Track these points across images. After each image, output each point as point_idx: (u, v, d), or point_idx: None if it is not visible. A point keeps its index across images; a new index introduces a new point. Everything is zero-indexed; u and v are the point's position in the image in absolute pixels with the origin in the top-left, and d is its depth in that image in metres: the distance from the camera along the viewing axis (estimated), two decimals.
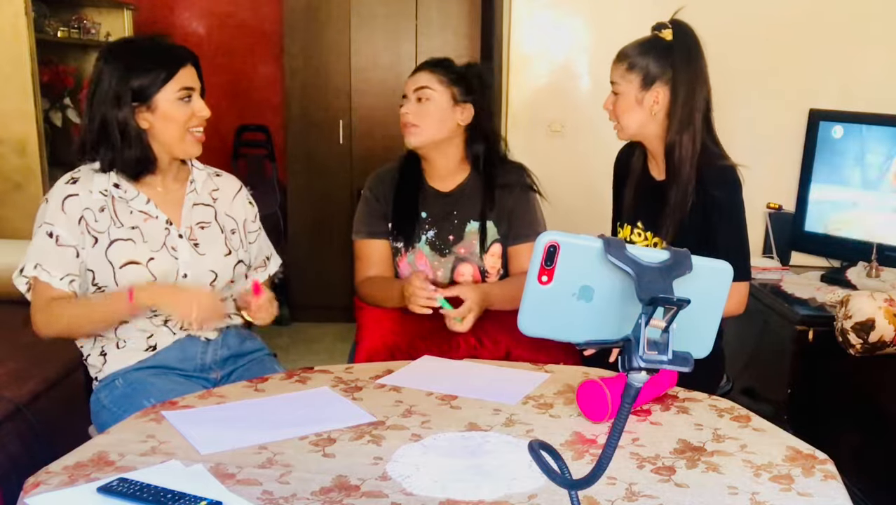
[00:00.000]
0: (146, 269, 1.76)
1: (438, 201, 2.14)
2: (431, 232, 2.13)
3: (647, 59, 1.97)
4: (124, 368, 1.81)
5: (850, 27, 3.06)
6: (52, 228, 1.74)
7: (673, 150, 1.98)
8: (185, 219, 1.85)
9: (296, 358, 3.94)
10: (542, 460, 0.90)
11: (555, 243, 0.85)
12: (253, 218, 1.99)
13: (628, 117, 2.00)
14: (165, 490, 1.15)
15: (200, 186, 1.90)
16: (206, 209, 1.90)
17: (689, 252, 0.88)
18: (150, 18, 4.58)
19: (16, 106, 3.21)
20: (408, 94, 2.09)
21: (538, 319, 0.88)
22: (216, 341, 1.89)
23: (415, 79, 2.09)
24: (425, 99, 2.06)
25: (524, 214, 2.11)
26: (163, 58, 1.77)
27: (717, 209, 1.95)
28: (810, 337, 2.49)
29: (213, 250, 1.86)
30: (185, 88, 1.77)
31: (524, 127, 3.22)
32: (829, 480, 1.25)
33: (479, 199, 2.12)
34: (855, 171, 2.85)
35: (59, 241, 1.74)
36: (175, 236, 1.82)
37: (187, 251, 1.82)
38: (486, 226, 2.11)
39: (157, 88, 1.74)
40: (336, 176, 4.43)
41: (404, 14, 4.30)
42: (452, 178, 2.15)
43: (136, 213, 1.80)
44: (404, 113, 2.07)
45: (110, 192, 1.78)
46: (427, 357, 1.81)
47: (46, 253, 1.74)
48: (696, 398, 1.58)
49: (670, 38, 1.97)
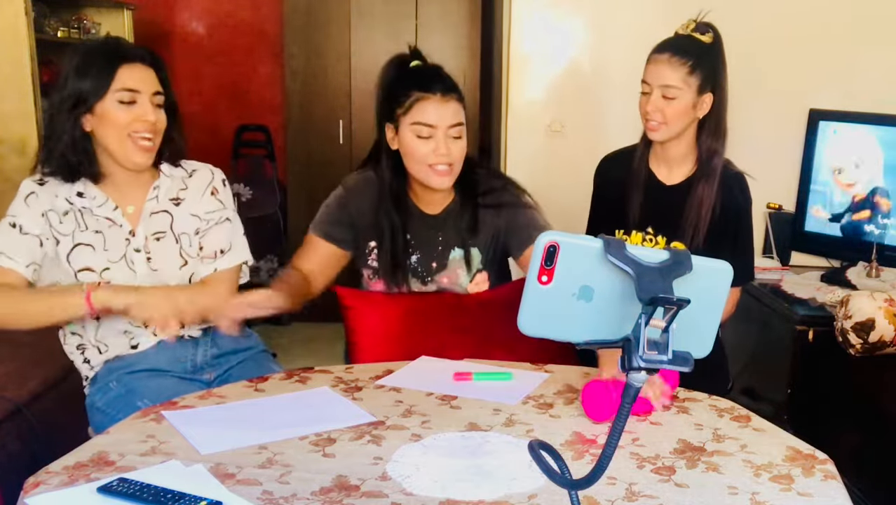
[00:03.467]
0: (99, 277, 1.73)
1: (423, 224, 1.98)
2: (414, 257, 1.98)
3: (702, 61, 1.94)
4: (115, 365, 1.79)
5: (850, 27, 3.06)
6: (14, 220, 1.72)
7: (711, 158, 2.00)
8: (142, 230, 1.79)
9: (295, 358, 3.94)
10: (542, 460, 0.90)
11: (554, 243, 0.85)
12: (212, 209, 1.87)
13: (680, 123, 1.96)
14: (165, 490, 1.15)
15: (163, 193, 1.82)
16: (163, 217, 1.82)
17: (690, 252, 0.88)
18: (149, 18, 4.58)
19: (16, 106, 3.22)
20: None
21: (538, 319, 0.88)
22: (205, 341, 1.87)
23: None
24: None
25: (523, 222, 1.96)
26: (105, 58, 1.70)
27: (738, 213, 2.02)
28: (810, 337, 2.49)
29: (167, 265, 1.80)
30: (126, 90, 1.68)
31: (524, 127, 3.22)
32: (829, 480, 1.25)
33: (463, 224, 1.96)
34: (855, 171, 2.85)
35: (23, 230, 1.71)
36: (132, 249, 1.77)
37: (143, 265, 1.78)
38: (470, 254, 1.97)
39: (98, 90, 1.67)
40: (336, 176, 4.34)
41: (404, 14, 4.30)
42: (441, 200, 1.98)
43: (101, 219, 1.76)
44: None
45: (74, 201, 1.74)
46: (425, 357, 1.80)
47: (9, 241, 1.71)
48: (696, 398, 1.58)
49: (710, 41, 1.96)
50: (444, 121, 1.84)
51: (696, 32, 1.96)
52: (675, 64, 1.93)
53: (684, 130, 2.00)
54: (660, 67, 1.95)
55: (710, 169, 2.01)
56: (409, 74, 1.91)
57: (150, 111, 1.71)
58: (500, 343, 1.87)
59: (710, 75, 1.96)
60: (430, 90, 1.84)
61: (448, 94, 1.85)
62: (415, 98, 1.85)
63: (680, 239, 2.02)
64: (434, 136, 1.84)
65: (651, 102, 1.97)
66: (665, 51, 1.96)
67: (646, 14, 2.07)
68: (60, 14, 3.83)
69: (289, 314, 4.52)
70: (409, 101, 1.85)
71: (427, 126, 1.84)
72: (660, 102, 1.95)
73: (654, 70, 1.97)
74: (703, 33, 1.96)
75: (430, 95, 1.84)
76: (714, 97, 1.97)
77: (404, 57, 1.96)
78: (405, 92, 1.86)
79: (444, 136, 1.84)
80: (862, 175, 2.83)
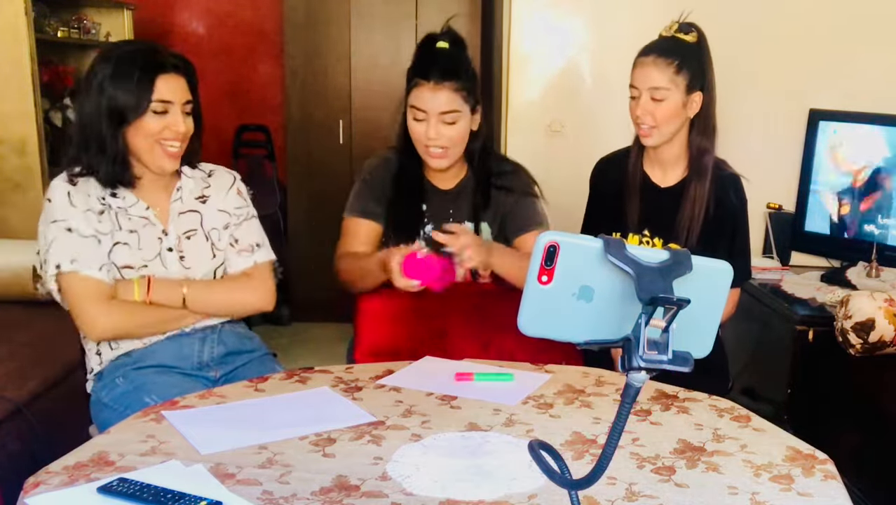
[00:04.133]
0: (137, 275, 1.77)
1: (437, 198, 2.12)
2: (429, 226, 2.11)
3: (688, 60, 1.93)
4: (122, 361, 1.81)
5: (850, 27, 3.06)
6: (67, 224, 1.72)
7: (702, 156, 1.99)
8: (173, 230, 1.83)
9: (296, 358, 3.93)
10: (542, 460, 0.90)
11: (555, 243, 0.85)
12: (240, 205, 1.94)
13: (672, 124, 1.96)
14: (165, 490, 1.15)
15: (187, 194, 1.87)
16: (192, 216, 1.87)
17: (690, 252, 0.88)
18: (149, 18, 4.58)
19: (16, 106, 3.22)
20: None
21: (538, 319, 0.88)
22: (212, 338, 1.88)
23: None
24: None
25: (525, 209, 2.07)
26: (143, 70, 1.71)
27: (734, 214, 2.02)
28: (810, 337, 2.49)
29: (199, 262, 1.85)
30: (161, 101, 1.72)
31: (524, 127, 3.22)
32: (829, 480, 1.25)
33: (475, 200, 2.09)
34: (855, 172, 2.85)
35: (81, 232, 1.72)
36: (165, 248, 1.82)
37: (175, 265, 1.82)
38: (479, 227, 2.09)
39: (138, 106, 1.70)
40: (336, 176, 4.43)
41: (404, 14, 4.30)
42: (453, 176, 2.12)
43: (135, 218, 1.80)
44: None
45: (108, 201, 1.77)
46: (428, 358, 1.81)
47: (75, 247, 1.71)
48: (696, 398, 1.58)
49: (695, 41, 1.96)
50: (435, 108, 1.93)
51: (679, 33, 1.97)
52: (661, 65, 1.93)
53: (677, 132, 2.00)
54: (646, 70, 1.95)
55: (702, 168, 2.00)
56: (421, 56, 2.01)
57: (181, 121, 1.75)
58: (506, 327, 1.89)
59: (698, 74, 1.95)
60: (426, 77, 1.94)
61: (442, 82, 1.93)
62: (414, 83, 1.96)
63: (675, 241, 2.02)
64: (427, 121, 1.95)
65: (641, 106, 1.97)
66: (650, 53, 1.96)
67: (646, 14, 2.07)
68: (60, 14, 3.83)
69: (289, 314, 4.54)
70: (410, 84, 1.98)
71: (420, 111, 1.95)
72: (649, 105, 1.95)
73: (640, 73, 1.97)
74: (686, 33, 1.96)
75: (424, 82, 1.94)
76: (703, 96, 1.97)
77: (432, 37, 2.05)
78: (411, 75, 1.99)
79: (434, 122, 1.94)
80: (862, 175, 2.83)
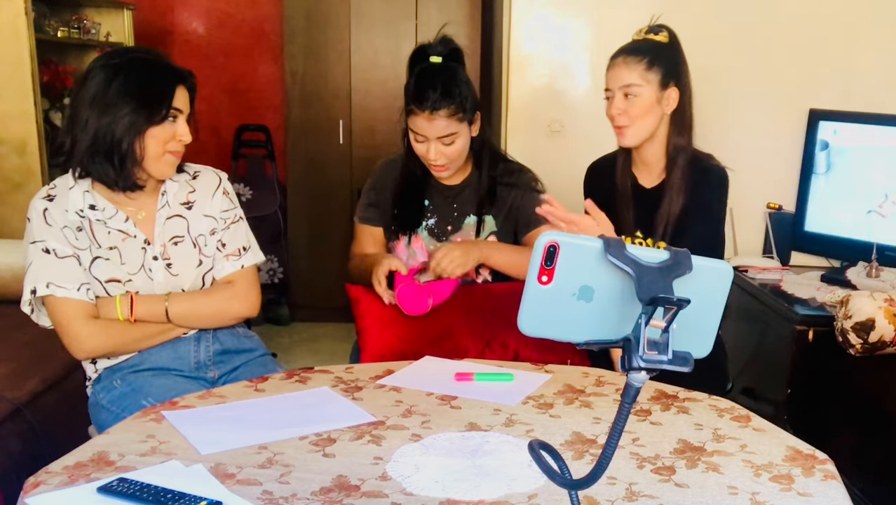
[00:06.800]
0: (124, 288, 1.76)
1: (441, 193, 2.18)
2: (432, 220, 2.17)
3: (659, 57, 1.95)
4: (119, 365, 1.81)
5: (850, 27, 3.06)
6: (45, 244, 1.71)
7: (678, 154, 1.99)
8: (159, 236, 1.81)
9: (296, 358, 3.94)
10: (542, 460, 0.90)
11: (555, 243, 0.85)
12: (227, 207, 1.91)
13: (646, 121, 1.97)
14: (165, 490, 1.15)
15: (172, 198, 1.85)
16: (178, 221, 1.85)
17: (689, 252, 0.88)
18: (149, 18, 4.58)
19: (16, 106, 3.22)
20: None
21: (538, 319, 0.88)
22: (207, 337, 1.88)
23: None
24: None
25: (532, 206, 2.05)
26: (160, 81, 1.71)
27: (707, 202, 1.99)
28: (810, 337, 2.49)
29: (186, 269, 1.83)
30: (175, 109, 1.73)
31: (524, 127, 3.22)
32: (829, 480, 1.25)
33: (480, 195, 2.16)
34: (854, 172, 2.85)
35: (58, 253, 1.71)
36: (150, 257, 1.80)
37: (161, 273, 1.80)
38: (483, 220, 2.15)
39: (153, 115, 1.69)
40: (336, 176, 4.44)
41: (404, 14, 4.30)
42: (459, 174, 2.17)
43: (114, 232, 1.77)
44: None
45: (87, 215, 1.75)
46: (428, 357, 1.81)
47: (52, 269, 1.70)
48: (696, 398, 1.58)
49: (667, 41, 1.97)
50: (433, 134, 2.02)
51: (649, 34, 2.00)
52: (630, 63, 1.96)
53: (655, 130, 2.00)
54: (617, 70, 1.98)
55: (676, 164, 2.00)
56: (415, 78, 2.05)
57: (187, 132, 1.76)
58: (508, 325, 1.93)
59: (671, 70, 1.96)
60: (420, 106, 2.00)
61: (437, 111, 1.98)
62: (410, 109, 2.03)
63: (656, 238, 2.02)
64: (426, 143, 2.04)
65: (614, 105, 1.99)
66: (620, 55, 2.00)
67: (646, 15, 2.07)
68: (60, 14, 3.82)
69: (289, 314, 4.54)
70: (407, 108, 2.05)
71: (419, 134, 2.04)
72: (622, 104, 1.97)
73: (612, 74, 2.00)
74: (656, 34, 1.99)
75: (419, 112, 2.00)
76: (682, 93, 1.97)
77: (425, 50, 2.10)
78: (406, 99, 2.05)
79: (434, 144, 2.03)
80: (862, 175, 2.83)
